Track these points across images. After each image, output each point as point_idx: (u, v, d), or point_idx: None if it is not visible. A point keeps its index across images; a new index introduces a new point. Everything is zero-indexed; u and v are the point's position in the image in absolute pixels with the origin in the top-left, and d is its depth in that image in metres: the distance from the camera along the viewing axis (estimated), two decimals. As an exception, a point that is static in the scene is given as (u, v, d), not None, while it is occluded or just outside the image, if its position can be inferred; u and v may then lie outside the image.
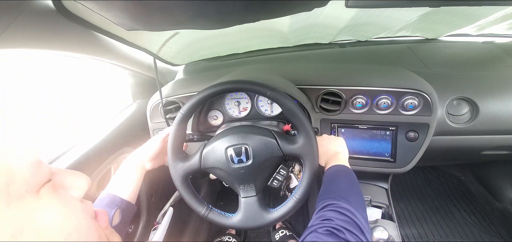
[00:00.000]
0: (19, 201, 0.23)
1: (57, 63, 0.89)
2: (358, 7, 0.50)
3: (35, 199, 0.24)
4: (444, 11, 0.83)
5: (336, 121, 0.81)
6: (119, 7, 0.45)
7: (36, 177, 0.25)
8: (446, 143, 0.86)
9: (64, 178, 0.30)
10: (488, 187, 1.31)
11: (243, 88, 0.60)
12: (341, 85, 0.76)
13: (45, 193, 0.26)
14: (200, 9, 0.45)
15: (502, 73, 0.85)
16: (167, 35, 0.79)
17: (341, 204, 0.45)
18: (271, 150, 0.59)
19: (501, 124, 0.79)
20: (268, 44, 1.15)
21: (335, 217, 0.42)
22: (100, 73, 1.11)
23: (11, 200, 0.22)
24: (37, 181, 0.25)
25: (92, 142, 0.79)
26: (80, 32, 0.60)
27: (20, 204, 0.23)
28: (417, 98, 0.73)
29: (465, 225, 1.27)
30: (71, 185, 0.30)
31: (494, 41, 1.09)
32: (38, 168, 0.26)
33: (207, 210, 0.62)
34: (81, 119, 0.98)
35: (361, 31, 1.04)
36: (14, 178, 0.23)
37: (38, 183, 0.25)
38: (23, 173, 0.24)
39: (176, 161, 0.61)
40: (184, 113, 0.60)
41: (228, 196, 1.57)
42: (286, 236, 1.17)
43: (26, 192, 0.24)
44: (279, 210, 0.61)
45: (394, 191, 1.46)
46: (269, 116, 0.84)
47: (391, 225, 0.83)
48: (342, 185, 0.52)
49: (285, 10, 0.51)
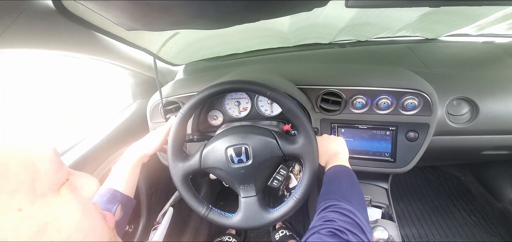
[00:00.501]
0: (42, 199, 0.23)
1: (57, 63, 0.89)
2: (358, 7, 0.50)
3: (56, 197, 0.25)
4: (444, 11, 0.83)
5: (336, 121, 0.81)
6: (119, 7, 0.45)
7: (57, 176, 0.26)
8: (446, 143, 0.86)
9: (76, 178, 0.30)
10: (488, 187, 1.31)
11: (243, 88, 0.60)
12: (341, 85, 0.76)
13: (65, 192, 0.26)
14: (200, 9, 0.45)
15: (502, 73, 0.85)
16: (167, 35, 0.79)
17: (342, 205, 0.45)
18: (271, 150, 0.59)
19: (501, 124, 0.79)
20: (268, 44, 1.15)
21: (337, 218, 0.43)
22: (100, 73, 1.12)
23: (36, 197, 0.23)
24: (58, 180, 0.26)
25: (92, 142, 0.79)
26: (80, 32, 0.60)
27: (43, 201, 0.23)
28: (417, 98, 0.73)
29: (465, 225, 1.27)
30: (82, 186, 0.30)
31: (494, 41, 1.09)
32: (59, 167, 0.26)
33: (207, 210, 0.62)
34: (81, 119, 0.98)
35: (361, 31, 1.04)
36: (39, 176, 0.23)
37: (58, 182, 0.26)
38: (46, 171, 0.24)
39: (176, 161, 0.61)
40: (184, 113, 0.60)
41: (228, 196, 1.57)
42: (286, 236, 1.17)
43: (49, 190, 0.24)
44: (279, 210, 0.61)
45: (394, 191, 1.46)
46: (269, 116, 0.84)
47: (391, 225, 0.83)
48: (343, 185, 0.52)
49: (285, 10, 0.51)
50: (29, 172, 0.23)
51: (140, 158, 0.63)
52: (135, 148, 0.64)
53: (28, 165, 0.23)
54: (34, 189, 0.23)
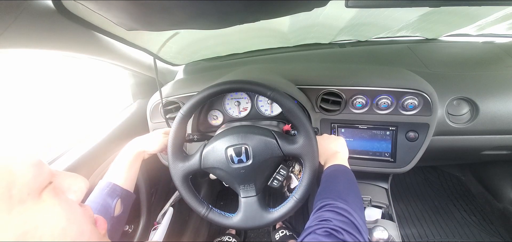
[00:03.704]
0: (21, 206, 0.21)
1: (57, 63, 0.89)
2: (358, 7, 0.50)
3: (37, 203, 0.23)
4: (444, 11, 0.83)
5: (336, 121, 0.81)
6: (119, 7, 0.45)
7: (37, 179, 0.24)
8: (446, 143, 0.86)
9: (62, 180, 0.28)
10: (488, 187, 1.31)
11: (243, 88, 0.60)
12: (341, 85, 0.76)
13: (47, 196, 0.24)
14: (200, 9, 0.45)
15: (502, 73, 0.85)
16: (167, 35, 0.79)
17: (338, 204, 0.45)
18: (271, 150, 0.59)
19: (501, 124, 0.79)
20: (268, 44, 1.15)
21: (332, 218, 0.42)
22: (100, 73, 1.11)
23: (13, 204, 0.21)
24: (39, 184, 0.24)
25: (92, 142, 0.79)
26: (80, 32, 0.60)
27: (22, 208, 0.22)
28: (417, 98, 0.73)
29: (465, 225, 1.27)
30: (69, 188, 0.28)
31: (494, 41, 1.09)
32: (40, 169, 0.24)
33: (207, 210, 0.62)
34: (80, 119, 0.98)
35: (361, 31, 1.04)
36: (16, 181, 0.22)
37: (39, 186, 0.24)
38: (24, 176, 0.22)
39: (176, 161, 0.61)
40: (184, 113, 0.60)
41: (228, 196, 1.57)
42: (286, 236, 1.17)
43: (28, 195, 0.22)
44: (279, 210, 0.61)
45: (394, 191, 1.46)
46: (269, 116, 0.84)
47: (391, 225, 0.83)
48: (340, 184, 0.52)
49: (285, 10, 0.51)
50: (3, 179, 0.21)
51: (140, 153, 0.63)
52: (136, 142, 0.64)
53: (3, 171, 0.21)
54: (10, 196, 0.21)
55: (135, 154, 0.61)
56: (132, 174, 0.60)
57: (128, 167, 0.59)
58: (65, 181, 0.28)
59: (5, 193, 0.21)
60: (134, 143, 0.64)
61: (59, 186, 0.27)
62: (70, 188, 0.28)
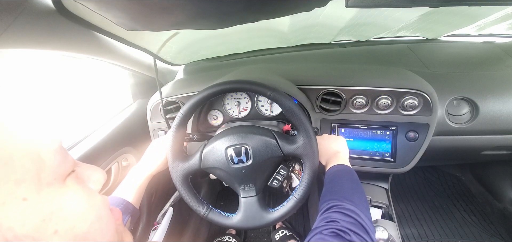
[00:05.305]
0: (48, 188, 0.24)
1: (57, 63, 0.89)
2: (358, 7, 0.50)
3: (62, 187, 0.25)
4: (444, 11, 0.83)
5: (336, 121, 0.81)
6: (119, 7, 0.45)
7: (62, 166, 0.26)
8: (446, 143, 0.86)
9: (83, 170, 0.31)
10: (487, 187, 1.31)
11: (243, 88, 0.60)
12: (341, 85, 0.76)
13: (70, 182, 0.27)
14: (200, 9, 0.45)
15: (502, 73, 0.85)
16: (167, 35, 0.79)
17: (345, 205, 0.45)
18: (271, 150, 0.59)
19: (501, 124, 0.79)
20: (268, 44, 1.15)
21: (340, 219, 0.42)
22: (100, 73, 1.11)
23: (42, 186, 0.23)
24: (64, 171, 0.26)
25: (92, 142, 0.79)
26: (80, 32, 0.60)
27: (49, 190, 0.24)
28: (417, 98, 0.73)
29: (465, 225, 1.27)
30: (89, 178, 0.31)
31: (494, 41, 1.09)
32: (65, 158, 0.27)
33: (207, 210, 0.62)
34: (80, 119, 0.98)
35: (361, 31, 1.04)
36: (44, 166, 0.24)
37: (64, 172, 0.26)
38: (52, 162, 0.25)
39: (176, 161, 0.61)
40: (184, 113, 0.60)
41: (228, 196, 1.57)
42: (286, 236, 1.17)
43: (55, 180, 0.25)
44: (279, 210, 0.61)
45: (394, 191, 1.46)
46: (269, 116, 0.84)
47: (391, 225, 0.83)
48: (345, 185, 0.52)
49: (285, 10, 0.51)
50: (34, 162, 0.23)
51: (147, 177, 0.63)
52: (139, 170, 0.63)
53: (34, 156, 0.23)
54: (40, 179, 0.23)
55: (142, 179, 0.62)
56: (139, 195, 0.60)
57: (138, 187, 0.60)
58: (86, 171, 0.31)
59: (36, 176, 0.23)
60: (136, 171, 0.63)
61: (81, 176, 0.30)
62: (90, 178, 0.31)
